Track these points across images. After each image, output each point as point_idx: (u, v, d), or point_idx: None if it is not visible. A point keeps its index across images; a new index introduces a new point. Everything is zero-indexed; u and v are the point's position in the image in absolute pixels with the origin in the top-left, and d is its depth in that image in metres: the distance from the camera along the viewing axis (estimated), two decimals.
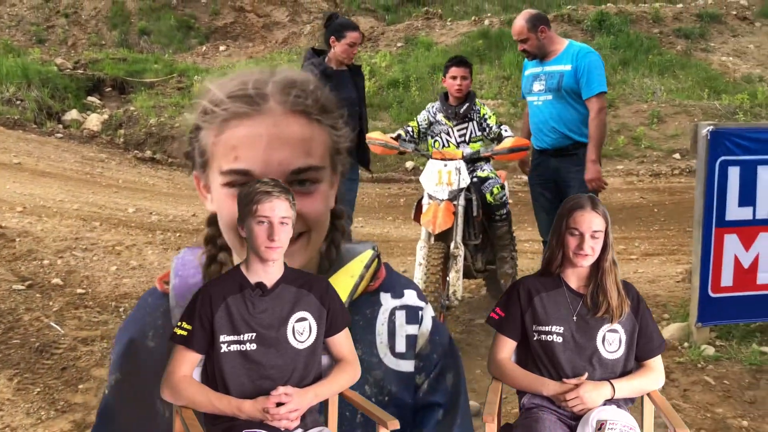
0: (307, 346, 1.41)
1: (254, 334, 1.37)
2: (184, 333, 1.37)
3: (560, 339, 2.24)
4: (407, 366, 1.62)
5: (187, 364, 1.38)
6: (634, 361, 2.32)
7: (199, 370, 1.40)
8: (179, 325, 1.38)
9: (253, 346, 1.37)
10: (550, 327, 2.25)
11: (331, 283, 1.50)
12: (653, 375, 2.33)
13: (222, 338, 1.37)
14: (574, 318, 2.25)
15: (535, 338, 2.27)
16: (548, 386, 2.26)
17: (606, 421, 2.16)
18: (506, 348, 2.33)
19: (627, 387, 2.27)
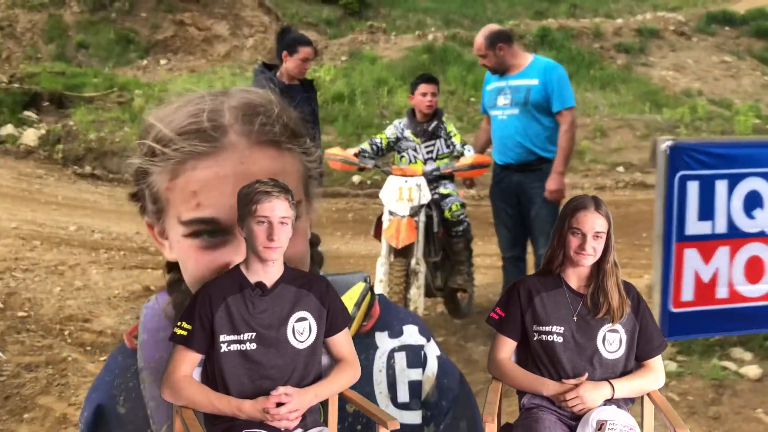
0: (307, 346, 1.34)
1: (254, 334, 1.31)
2: (184, 333, 1.31)
3: (560, 339, 2.27)
4: (413, 418, 1.50)
5: (187, 364, 1.32)
6: (634, 361, 2.36)
7: (199, 370, 1.35)
8: (179, 325, 1.32)
9: (253, 346, 1.31)
10: (551, 327, 2.28)
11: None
12: (653, 375, 2.37)
13: (222, 338, 1.30)
14: (575, 318, 2.29)
15: (536, 338, 2.30)
16: (548, 386, 2.28)
17: (606, 421, 2.19)
18: (506, 348, 2.35)
19: (627, 387, 2.31)
